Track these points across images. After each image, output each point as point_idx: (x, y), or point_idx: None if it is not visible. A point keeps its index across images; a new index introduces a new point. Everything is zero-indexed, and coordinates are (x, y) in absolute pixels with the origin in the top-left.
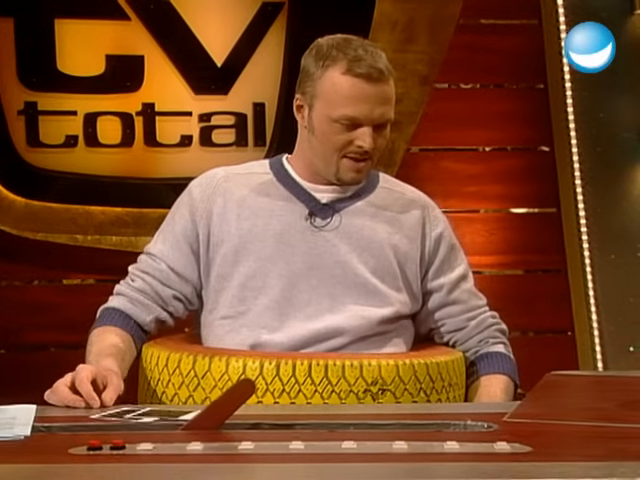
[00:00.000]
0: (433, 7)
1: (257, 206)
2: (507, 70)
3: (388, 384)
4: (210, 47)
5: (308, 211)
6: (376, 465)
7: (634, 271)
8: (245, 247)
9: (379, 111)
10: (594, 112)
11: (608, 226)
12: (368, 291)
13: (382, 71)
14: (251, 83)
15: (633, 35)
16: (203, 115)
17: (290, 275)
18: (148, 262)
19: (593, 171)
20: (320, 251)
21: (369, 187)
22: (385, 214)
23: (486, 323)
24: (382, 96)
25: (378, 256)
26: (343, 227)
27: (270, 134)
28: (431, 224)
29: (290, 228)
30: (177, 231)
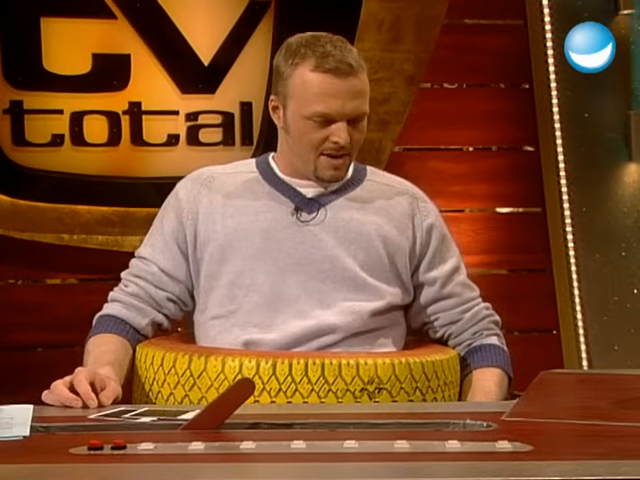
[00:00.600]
0: (419, 6)
1: (242, 204)
2: (493, 70)
3: (384, 383)
4: (197, 46)
5: (294, 206)
6: (379, 464)
7: (619, 270)
8: (231, 245)
9: (351, 105)
10: (579, 112)
11: (593, 226)
12: (358, 285)
13: (351, 65)
14: (238, 82)
15: (617, 35)
16: (190, 114)
17: (278, 271)
18: (140, 266)
19: (578, 171)
20: (307, 246)
21: (356, 180)
22: (373, 206)
23: (480, 315)
24: (353, 90)
25: (367, 248)
26: (330, 221)
27: (257, 133)
28: (421, 215)
29: (276, 224)
30: (166, 233)
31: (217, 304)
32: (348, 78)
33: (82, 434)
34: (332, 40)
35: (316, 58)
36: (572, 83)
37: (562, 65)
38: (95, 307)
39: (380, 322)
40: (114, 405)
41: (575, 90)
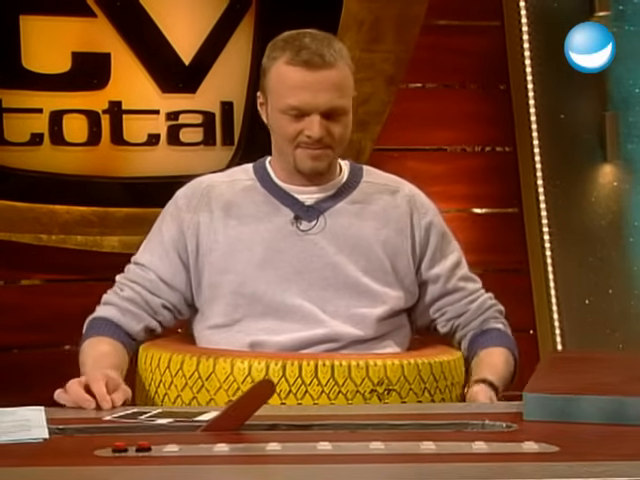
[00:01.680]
0: (399, 7)
1: (243, 213)
2: (470, 71)
3: (394, 384)
4: (178, 45)
5: (293, 215)
6: (407, 466)
7: (595, 270)
8: (233, 255)
9: (323, 98)
10: (555, 113)
11: (569, 226)
12: (360, 291)
13: (325, 57)
14: (219, 82)
15: None
16: (171, 113)
17: (280, 281)
18: (137, 272)
19: (554, 171)
20: (308, 254)
21: (352, 183)
22: (370, 209)
23: (486, 305)
24: (326, 82)
25: (367, 254)
26: (329, 228)
27: (238, 133)
28: (419, 213)
29: (277, 233)
30: (165, 241)
31: (221, 313)
32: (321, 70)
33: (102, 436)
34: (315, 35)
35: (291, 51)
36: (548, 84)
37: (539, 66)
38: (74, 308)
39: (384, 328)
40: (126, 407)
41: (551, 91)
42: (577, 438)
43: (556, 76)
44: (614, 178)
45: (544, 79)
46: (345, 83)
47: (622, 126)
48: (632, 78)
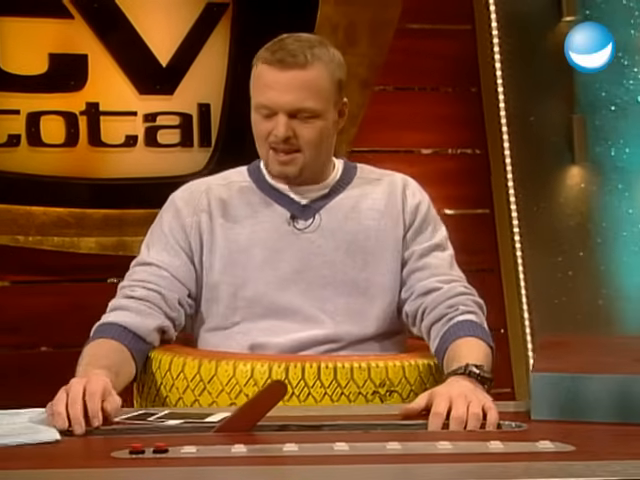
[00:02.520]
0: (373, 11)
1: (240, 215)
2: (443, 74)
3: (395, 385)
4: (155, 47)
5: (289, 215)
6: (427, 466)
7: (564, 270)
8: (232, 257)
9: (289, 98)
10: (525, 116)
11: (539, 227)
12: (359, 287)
13: (298, 57)
14: (196, 83)
15: (559, 41)
16: (148, 115)
17: (279, 281)
18: (148, 271)
19: (525, 173)
20: (306, 253)
21: (346, 180)
22: (366, 202)
23: (457, 290)
24: (293, 82)
25: (365, 247)
26: (326, 225)
27: (215, 135)
28: (409, 198)
29: (274, 234)
30: (170, 240)
31: (220, 316)
32: (290, 70)
33: (116, 437)
34: (301, 38)
35: (270, 51)
36: (518, 87)
37: (509, 70)
38: (50, 308)
39: (384, 326)
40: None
41: (521, 94)
42: (591, 437)
43: (526, 79)
44: (582, 180)
45: (514, 82)
46: (318, 85)
47: (589, 129)
48: (598, 82)
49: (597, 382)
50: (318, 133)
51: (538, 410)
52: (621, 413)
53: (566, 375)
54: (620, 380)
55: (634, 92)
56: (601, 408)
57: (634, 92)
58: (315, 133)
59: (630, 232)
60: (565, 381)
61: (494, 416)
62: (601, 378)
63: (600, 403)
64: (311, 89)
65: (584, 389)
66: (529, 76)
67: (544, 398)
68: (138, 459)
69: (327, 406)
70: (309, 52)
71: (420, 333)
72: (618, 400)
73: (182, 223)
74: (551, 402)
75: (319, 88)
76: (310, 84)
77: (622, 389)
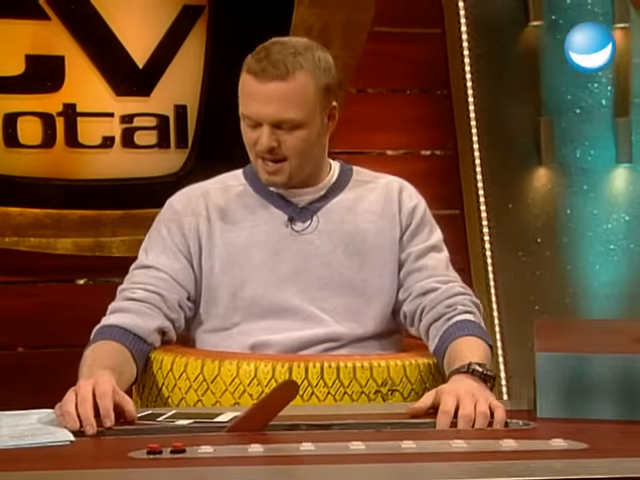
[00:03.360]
0: (347, 14)
1: (238, 218)
2: (413, 76)
3: (396, 384)
4: (131, 48)
5: (287, 217)
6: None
7: (532, 270)
8: (231, 259)
9: (269, 110)
10: (494, 118)
11: (508, 227)
12: (357, 288)
13: (279, 68)
14: (173, 85)
15: (526, 45)
16: (125, 116)
17: (278, 283)
18: (148, 274)
19: (494, 174)
20: (304, 255)
21: (342, 182)
22: (362, 205)
23: (455, 290)
24: (274, 94)
25: (362, 248)
26: (323, 227)
27: (192, 136)
28: (404, 201)
29: (272, 236)
30: (169, 243)
31: (219, 317)
32: (271, 82)
33: (130, 438)
34: (285, 44)
35: (254, 59)
36: (487, 90)
37: (478, 72)
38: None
39: (382, 326)
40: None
41: (490, 96)
42: (601, 435)
43: (494, 82)
44: (549, 181)
45: (483, 85)
46: (300, 95)
47: (556, 131)
48: (564, 85)
49: (602, 361)
50: (303, 142)
51: (543, 389)
52: (625, 392)
53: (571, 355)
54: (625, 359)
55: (599, 95)
56: (606, 387)
57: (599, 95)
58: (300, 142)
59: (595, 232)
60: (570, 360)
61: (501, 414)
62: (606, 357)
63: (605, 382)
64: (293, 100)
65: (589, 368)
66: (498, 79)
67: (550, 378)
68: (156, 459)
69: (333, 405)
70: (291, 61)
71: (418, 333)
72: (623, 378)
73: (181, 227)
74: (557, 382)
75: (302, 98)
76: (292, 95)
77: (627, 368)
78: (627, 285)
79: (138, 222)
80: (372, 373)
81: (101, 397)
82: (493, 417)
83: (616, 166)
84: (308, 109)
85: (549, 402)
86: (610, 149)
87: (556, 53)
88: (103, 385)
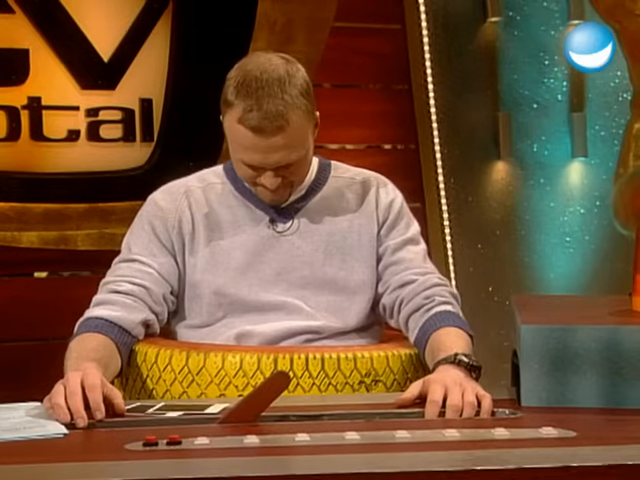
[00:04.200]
0: (310, 9)
1: (221, 219)
2: (375, 71)
3: (380, 375)
4: (96, 42)
5: (269, 218)
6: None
7: (491, 262)
8: (215, 259)
9: (274, 159)
10: (454, 112)
11: (468, 220)
12: (339, 286)
13: (274, 120)
14: (138, 79)
15: (485, 41)
16: (90, 110)
17: (261, 283)
18: (133, 267)
19: (454, 168)
20: (286, 256)
21: (322, 179)
22: (341, 204)
23: (433, 282)
24: (276, 145)
25: (342, 247)
26: (304, 228)
27: (157, 130)
28: (381, 197)
29: (255, 237)
30: (155, 239)
31: (202, 313)
32: (270, 136)
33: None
34: (268, 84)
35: (242, 110)
36: (447, 85)
37: (438, 68)
38: None
39: (364, 320)
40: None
41: (450, 92)
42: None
43: (454, 77)
44: (507, 175)
45: (443, 80)
46: (298, 137)
47: (514, 125)
48: (521, 80)
49: (587, 332)
50: (303, 168)
51: (528, 362)
52: (609, 363)
53: (556, 327)
54: (609, 330)
55: (554, 91)
56: (590, 358)
57: (554, 91)
58: (303, 168)
59: (552, 225)
60: (555, 333)
61: (488, 403)
62: (590, 329)
63: (589, 353)
64: (293, 144)
65: (574, 340)
66: (457, 74)
67: (535, 350)
68: (153, 451)
69: (318, 396)
70: (284, 105)
71: (397, 325)
72: (606, 350)
73: (165, 222)
74: (542, 354)
75: (299, 139)
76: (291, 141)
77: (610, 339)
78: (582, 276)
79: (104, 216)
80: (356, 364)
81: (90, 390)
82: (480, 407)
83: (572, 160)
84: (305, 143)
85: (533, 374)
86: (566, 143)
87: (513, 49)
88: (92, 377)
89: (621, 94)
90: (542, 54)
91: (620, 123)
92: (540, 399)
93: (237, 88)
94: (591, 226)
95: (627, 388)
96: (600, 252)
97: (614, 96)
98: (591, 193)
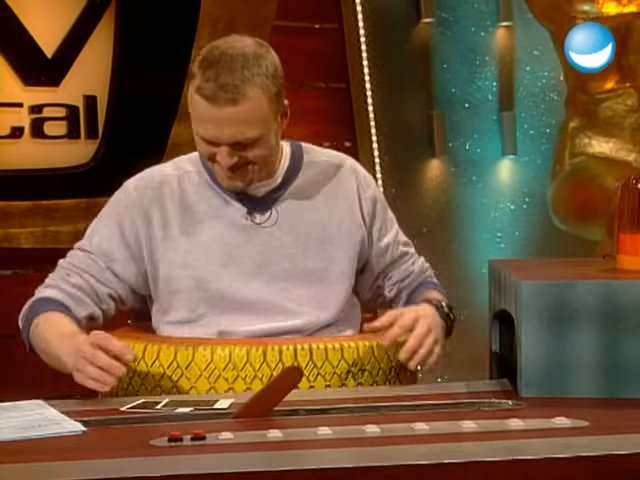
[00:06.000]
0: (252, 7)
1: (197, 210)
2: (314, 70)
3: (366, 364)
4: (40, 38)
5: (246, 209)
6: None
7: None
8: (193, 252)
9: (227, 133)
10: (391, 111)
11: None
12: (319, 276)
13: (229, 91)
14: (82, 75)
15: (419, 41)
16: (34, 107)
17: (242, 277)
18: (85, 260)
19: (392, 165)
20: (266, 247)
21: (296, 165)
22: (319, 191)
23: (424, 266)
24: (230, 118)
25: (323, 237)
26: (283, 219)
27: (102, 126)
28: (363, 186)
29: (233, 228)
30: (116, 232)
31: (183, 308)
32: (224, 107)
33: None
34: (233, 57)
35: (202, 78)
36: (383, 84)
37: (375, 67)
38: None
39: (343, 311)
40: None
41: (386, 91)
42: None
43: (390, 76)
44: (441, 172)
45: (380, 79)
46: (255, 114)
47: (447, 124)
48: (454, 80)
49: (585, 288)
50: (263, 151)
51: (528, 318)
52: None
53: (555, 282)
54: (606, 284)
55: (485, 90)
56: (588, 313)
57: (485, 90)
58: (264, 151)
59: (484, 221)
60: (555, 288)
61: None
62: (589, 284)
63: (588, 308)
64: (248, 120)
65: (572, 295)
66: (393, 73)
67: (535, 306)
68: (179, 447)
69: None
70: (242, 80)
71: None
72: (605, 305)
73: (133, 216)
74: (541, 309)
75: (256, 116)
76: (246, 116)
77: (607, 293)
78: None
79: (48, 213)
80: (343, 354)
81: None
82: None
83: (502, 158)
84: (264, 124)
85: (534, 329)
86: (496, 142)
87: (446, 49)
88: (100, 334)
89: (548, 94)
90: (473, 55)
91: (548, 122)
92: (540, 355)
93: (201, 61)
94: (520, 222)
95: (623, 342)
96: (530, 246)
97: (542, 96)
98: (520, 190)
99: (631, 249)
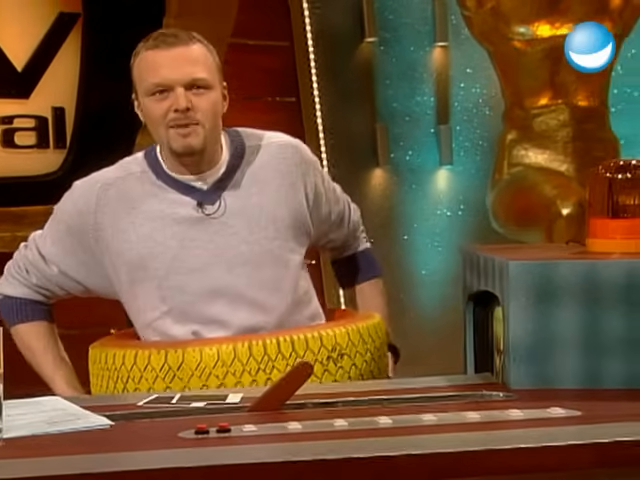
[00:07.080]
0: (210, 25)
1: (147, 209)
2: (267, 85)
3: (344, 348)
4: (10, 52)
5: (196, 202)
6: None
7: None
8: (150, 252)
9: (182, 71)
10: (338, 124)
11: None
12: (275, 257)
13: (179, 36)
14: (51, 88)
15: (363, 59)
16: (5, 117)
17: (202, 268)
18: (40, 265)
19: (339, 175)
20: (220, 235)
21: (238, 151)
22: (265, 174)
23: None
24: (181, 57)
25: (274, 218)
26: (232, 206)
27: (70, 137)
28: (306, 162)
29: (185, 223)
30: (67, 239)
31: (149, 308)
32: (175, 47)
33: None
34: (174, 32)
35: (150, 40)
36: (331, 98)
37: (324, 82)
38: None
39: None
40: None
41: (334, 104)
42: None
43: (337, 91)
44: (384, 181)
45: (328, 94)
46: (205, 59)
47: (390, 136)
48: (395, 95)
49: (568, 267)
50: (213, 104)
51: (516, 296)
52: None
53: (541, 262)
54: (590, 264)
55: (423, 105)
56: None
57: (423, 105)
58: (210, 104)
59: (423, 226)
60: (540, 267)
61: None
62: (572, 264)
63: (571, 286)
64: (200, 62)
65: (556, 275)
66: (340, 89)
67: (523, 284)
68: (205, 439)
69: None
70: (187, 35)
71: None
72: (586, 283)
73: (81, 222)
74: (528, 287)
75: (206, 62)
76: (198, 57)
77: (589, 272)
78: (450, 271)
79: (17, 219)
80: (322, 341)
81: None
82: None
83: (439, 167)
84: (212, 73)
85: (521, 306)
86: (434, 152)
87: (388, 66)
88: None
89: (482, 109)
90: (412, 72)
91: (482, 135)
92: (526, 330)
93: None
94: (456, 227)
95: (603, 317)
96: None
97: (475, 111)
98: (456, 197)
99: (601, 232)
